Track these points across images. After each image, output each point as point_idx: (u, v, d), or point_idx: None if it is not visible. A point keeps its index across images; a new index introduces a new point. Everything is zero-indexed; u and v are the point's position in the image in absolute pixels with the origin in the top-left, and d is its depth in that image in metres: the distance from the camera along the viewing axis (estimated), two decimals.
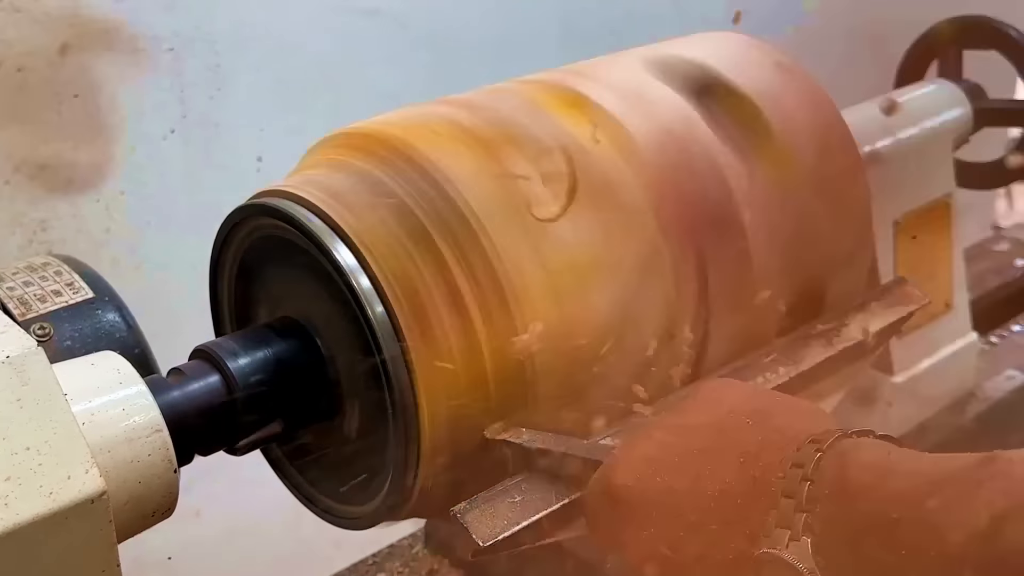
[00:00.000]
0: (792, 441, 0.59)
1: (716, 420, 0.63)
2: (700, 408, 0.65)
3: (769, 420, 0.61)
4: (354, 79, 1.61)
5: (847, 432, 0.58)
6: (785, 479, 0.57)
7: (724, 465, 0.60)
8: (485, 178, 0.76)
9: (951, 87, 1.26)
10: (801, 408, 0.63)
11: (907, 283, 0.95)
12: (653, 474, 0.62)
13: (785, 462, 0.57)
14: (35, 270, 0.79)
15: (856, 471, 0.54)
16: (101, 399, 0.64)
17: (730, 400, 0.64)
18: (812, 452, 0.57)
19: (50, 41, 1.33)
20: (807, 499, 0.55)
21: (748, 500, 0.58)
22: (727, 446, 0.61)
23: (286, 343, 0.76)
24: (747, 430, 0.61)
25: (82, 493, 0.56)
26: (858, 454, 0.55)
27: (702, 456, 0.61)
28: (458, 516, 0.69)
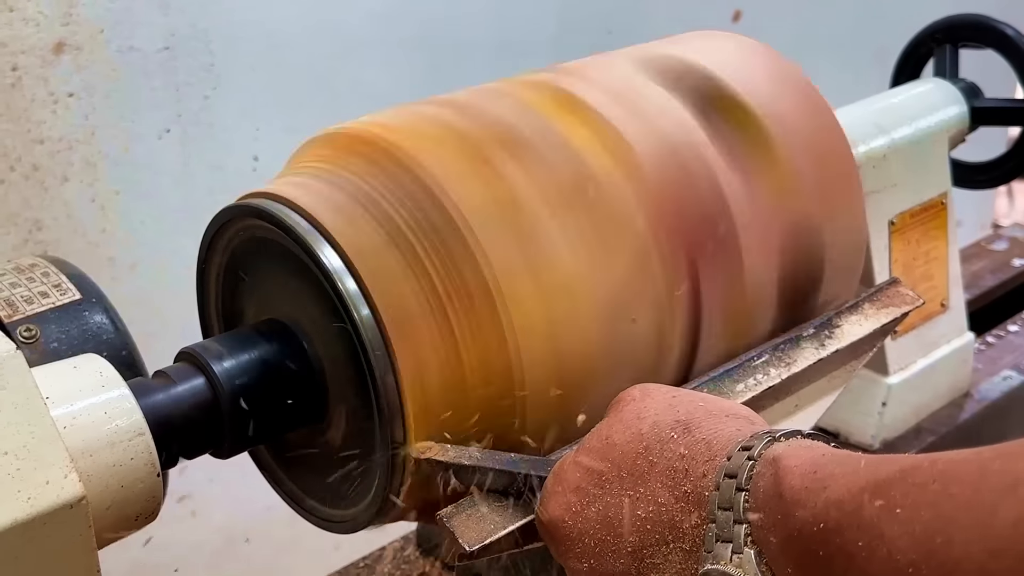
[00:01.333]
0: (721, 451, 0.57)
1: (639, 436, 0.61)
2: (622, 424, 0.63)
3: (693, 430, 0.60)
4: (349, 78, 1.61)
5: (775, 435, 0.56)
6: (720, 490, 0.55)
7: (654, 484, 0.58)
8: (475, 183, 0.75)
9: (947, 86, 1.26)
10: (725, 412, 0.61)
11: (900, 284, 0.95)
12: (585, 505, 0.61)
13: (717, 473, 0.56)
14: (22, 271, 0.79)
15: (792, 477, 0.52)
16: (83, 402, 0.64)
17: (651, 412, 0.62)
18: (743, 460, 0.55)
19: (44, 40, 1.33)
20: (744, 510, 0.54)
21: (684, 516, 0.57)
22: (653, 464, 0.59)
23: (272, 345, 0.76)
24: (672, 444, 0.59)
25: (61, 498, 0.56)
26: (792, 459, 0.53)
27: (631, 479, 0.60)
28: (444, 521, 0.68)
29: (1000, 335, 1.44)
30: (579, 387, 0.76)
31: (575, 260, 0.75)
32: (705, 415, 0.61)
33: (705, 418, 0.61)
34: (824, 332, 0.89)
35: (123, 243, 1.47)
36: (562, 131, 0.80)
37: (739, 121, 0.87)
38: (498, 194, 0.75)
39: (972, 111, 1.25)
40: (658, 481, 0.58)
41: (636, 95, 0.85)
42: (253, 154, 1.56)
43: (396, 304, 0.71)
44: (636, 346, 0.79)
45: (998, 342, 1.42)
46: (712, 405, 0.62)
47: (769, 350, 0.86)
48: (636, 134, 0.81)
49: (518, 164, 0.76)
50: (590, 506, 0.61)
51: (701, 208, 0.82)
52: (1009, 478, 0.44)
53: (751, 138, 0.86)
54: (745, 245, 0.84)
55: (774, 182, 0.86)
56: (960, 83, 1.27)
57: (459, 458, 0.71)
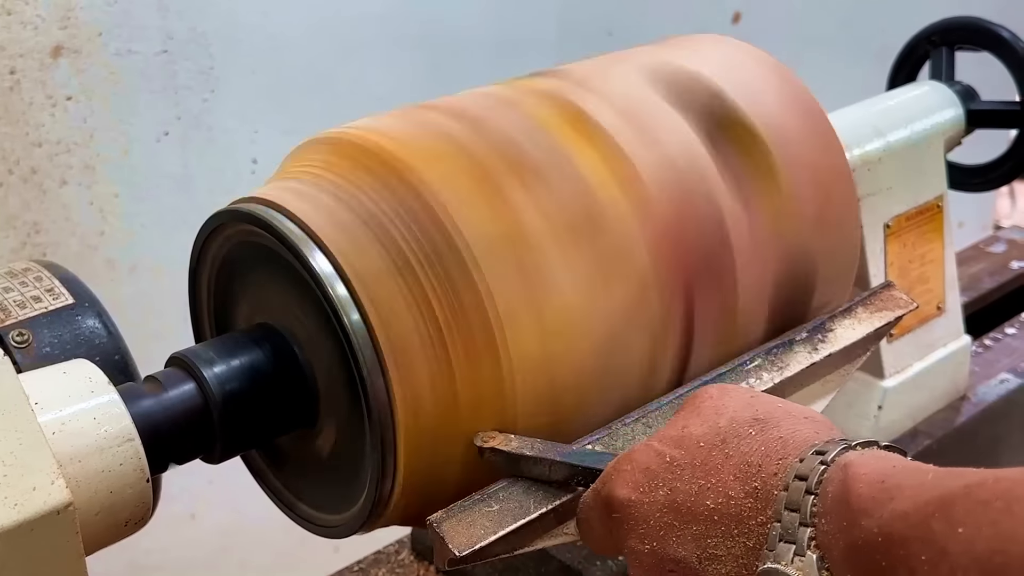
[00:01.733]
0: (795, 451, 0.57)
1: (716, 430, 0.61)
2: (699, 418, 0.63)
3: (770, 429, 0.60)
4: (348, 80, 1.61)
5: (851, 443, 0.57)
6: (788, 491, 0.55)
7: (726, 477, 0.59)
8: (484, 210, 0.74)
9: (943, 89, 1.26)
10: (803, 415, 0.62)
11: (894, 287, 0.95)
12: (654, 487, 0.61)
13: (788, 473, 0.56)
14: (15, 276, 0.79)
15: (860, 485, 0.52)
16: (72, 408, 0.64)
17: (730, 409, 0.63)
18: (816, 463, 0.55)
19: (43, 43, 1.33)
20: (811, 513, 0.54)
21: (751, 512, 0.57)
22: (728, 457, 0.59)
23: (263, 350, 0.76)
24: (748, 440, 0.60)
25: (47, 504, 0.56)
26: (862, 467, 0.54)
27: (703, 468, 0.60)
28: (434, 525, 0.68)
29: (997, 338, 1.44)
30: (569, 416, 0.76)
31: (576, 295, 0.75)
32: (784, 415, 0.61)
33: (783, 418, 0.61)
34: (817, 336, 0.89)
35: (122, 246, 1.48)
36: (572, 155, 0.78)
37: (746, 147, 0.86)
38: (506, 225, 0.74)
39: (968, 114, 1.25)
40: (730, 474, 0.59)
41: (646, 115, 0.84)
42: (252, 156, 1.56)
43: (386, 310, 0.71)
44: (628, 375, 0.79)
45: (995, 345, 1.42)
46: (791, 407, 0.63)
47: (762, 354, 0.86)
48: (645, 162, 0.80)
49: (527, 193, 0.75)
50: (659, 488, 0.61)
51: (703, 241, 0.82)
52: None
53: (756, 164, 0.86)
54: (741, 275, 0.84)
55: (775, 209, 0.86)
56: (956, 86, 1.26)
57: (521, 448, 0.72)
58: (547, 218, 0.75)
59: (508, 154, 0.77)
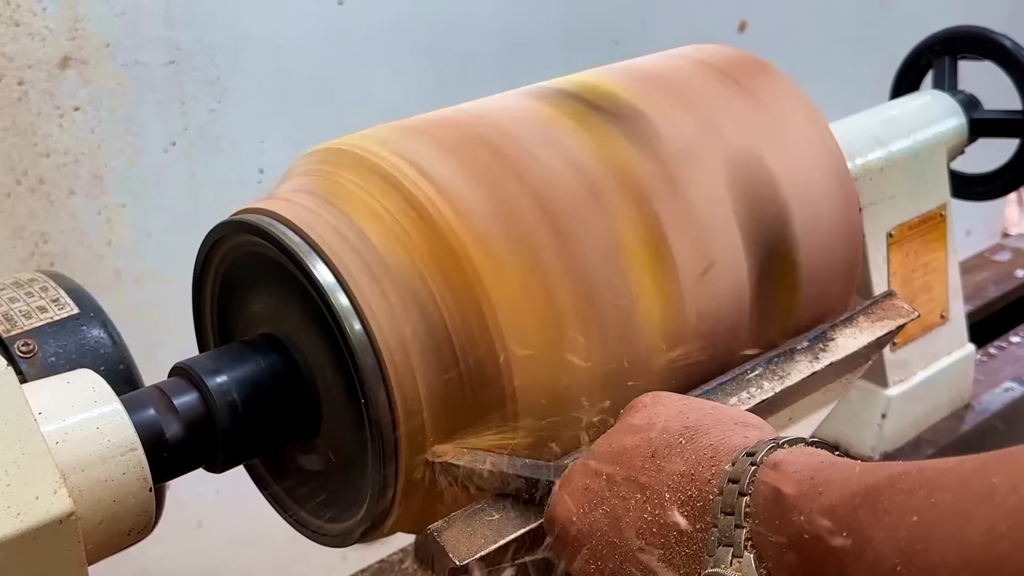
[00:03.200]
0: (726, 456, 0.58)
1: (648, 442, 0.62)
2: (632, 431, 0.64)
3: (701, 436, 0.61)
4: (355, 90, 1.62)
5: (779, 441, 0.57)
6: (723, 495, 0.56)
7: (661, 489, 0.60)
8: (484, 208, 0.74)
9: (946, 98, 1.26)
10: (734, 420, 0.63)
11: (896, 296, 0.95)
12: (592, 506, 0.62)
13: (721, 478, 0.57)
14: (21, 286, 0.79)
15: (789, 483, 0.53)
16: (75, 418, 0.64)
17: (661, 418, 0.64)
18: (746, 465, 0.56)
19: (51, 54, 1.34)
20: (744, 514, 0.55)
21: (688, 521, 0.58)
22: (661, 469, 0.60)
23: (266, 360, 0.76)
24: (679, 449, 0.60)
25: (50, 514, 0.56)
26: (791, 465, 0.55)
27: (637, 482, 0.61)
28: (435, 535, 0.69)
29: (1002, 346, 1.44)
30: (571, 418, 0.77)
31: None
32: (714, 422, 0.62)
33: (714, 425, 0.62)
34: (818, 345, 0.89)
35: (129, 255, 1.48)
36: (634, 294, 0.78)
37: (786, 283, 0.89)
38: (508, 223, 0.75)
39: (971, 123, 1.25)
40: (664, 485, 0.59)
41: (715, 246, 0.83)
42: (259, 166, 1.57)
43: (388, 320, 0.71)
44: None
45: (1000, 353, 1.42)
46: (721, 413, 0.63)
47: (763, 363, 0.86)
48: (694, 310, 0.81)
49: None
50: (598, 508, 0.62)
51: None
52: (986, 487, 0.45)
53: (785, 302, 0.89)
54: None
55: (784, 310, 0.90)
56: (959, 95, 1.27)
57: (474, 463, 0.72)
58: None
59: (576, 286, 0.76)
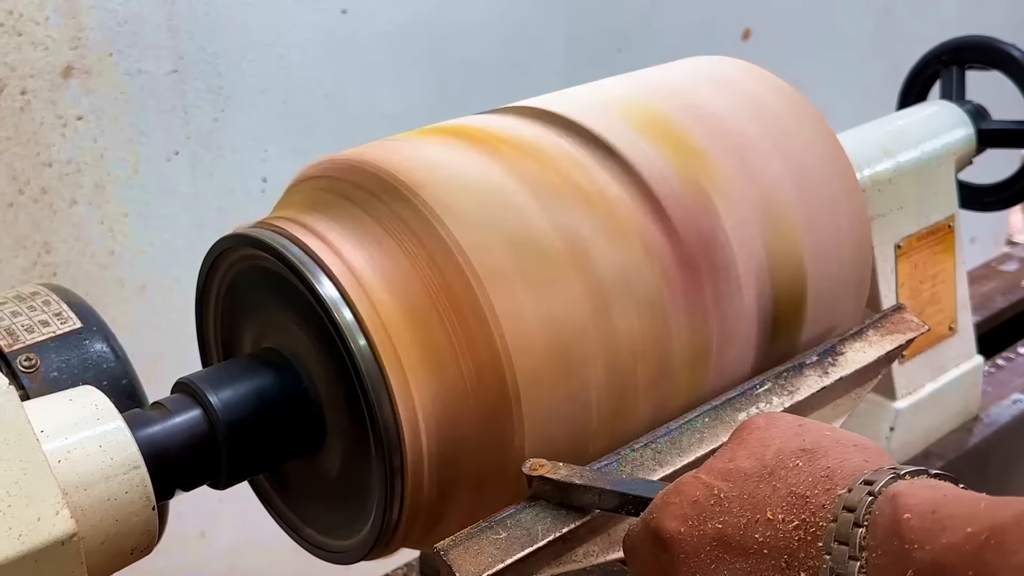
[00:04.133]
0: (843, 481, 0.57)
1: (763, 462, 0.61)
2: (746, 450, 0.63)
3: (818, 459, 0.59)
4: (358, 99, 1.61)
5: (900, 471, 0.56)
6: (837, 523, 0.55)
7: (774, 509, 0.58)
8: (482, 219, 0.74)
9: (953, 108, 1.25)
10: (852, 443, 0.61)
11: (905, 310, 0.94)
12: (703, 520, 0.61)
13: (836, 504, 0.56)
14: (23, 300, 0.79)
15: (911, 517, 0.52)
16: (77, 436, 0.64)
17: (777, 439, 0.62)
18: (864, 494, 0.55)
19: (54, 64, 1.34)
20: (860, 546, 0.53)
21: (800, 545, 0.56)
22: (776, 489, 0.59)
23: (269, 375, 0.76)
24: (795, 471, 0.59)
25: (52, 535, 0.56)
26: (912, 497, 0.53)
27: (751, 501, 0.59)
28: (441, 553, 0.68)
29: (1010, 358, 1.43)
30: (574, 429, 0.76)
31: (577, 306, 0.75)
32: (832, 443, 0.60)
33: (831, 447, 0.60)
34: (828, 360, 0.88)
35: (132, 265, 1.48)
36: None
37: (788, 337, 0.91)
38: (504, 228, 0.74)
39: (979, 133, 1.24)
40: (779, 507, 0.58)
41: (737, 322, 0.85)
42: (262, 175, 1.56)
43: (393, 335, 0.70)
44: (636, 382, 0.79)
45: (1008, 365, 1.41)
46: (839, 435, 0.62)
47: (772, 378, 0.85)
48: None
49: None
50: (707, 522, 0.60)
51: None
52: None
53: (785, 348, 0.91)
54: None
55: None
56: (967, 105, 1.26)
57: (570, 477, 0.71)
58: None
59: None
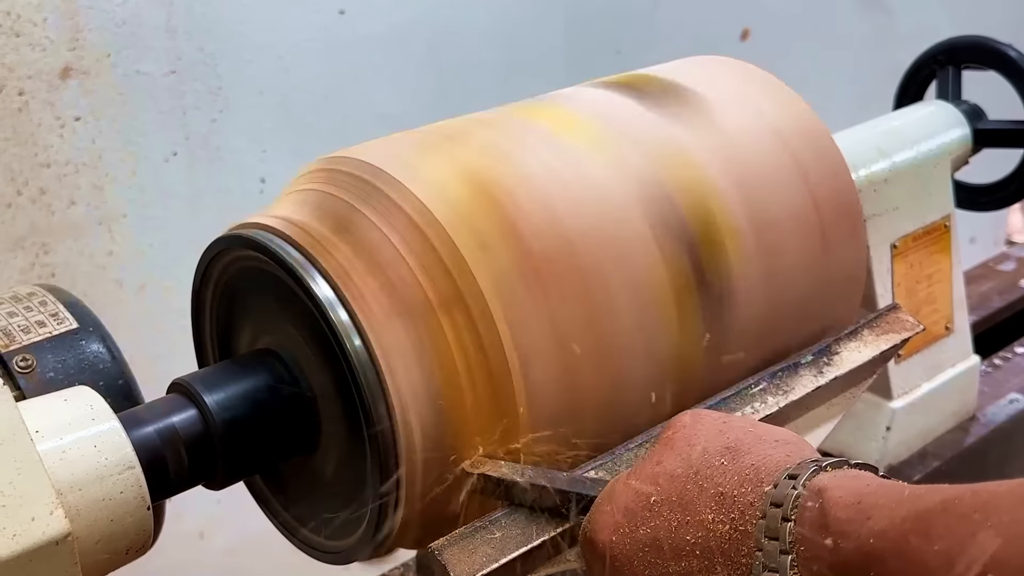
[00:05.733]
0: (768, 477, 0.58)
1: (689, 462, 0.61)
2: (673, 451, 0.63)
3: (742, 457, 0.60)
4: (356, 100, 1.61)
5: (822, 464, 0.57)
6: (766, 519, 0.56)
7: (703, 510, 0.59)
8: (476, 213, 0.74)
9: (949, 108, 1.25)
10: (775, 438, 0.62)
11: (900, 310, 0.94)
12: (634, 527, 0.61)
13: (764, 501, 0.56)
14: (20, 300, 0.79)
15: (836, 508, 0.53)
16: (72, 436, 0.64)
17: (702, 438, 0.63)
18: (789, 489, 0.56)
19: (52, 65, 1.34)
20: (790, 540, 0.54)
21: (731, 544, 0.57)
22: (703, 490, 0.60)
23: (265, 376, 0.76)
24: (721, 470, 0.60)
25: (46, 535, 0.56)
26: (837, 489, 0.54)
27: (680, 504, 0.60)
28: (436, 553, 0.68)
29: (1007, 357, 1.43)
30: (574, 417, 0.76)
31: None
32: (754, 440, 0.61)
33: (754, 443, 0.61)
34: (823, 359, 0.88)
35: (130, 266, 1.48)
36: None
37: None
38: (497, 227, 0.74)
39: (975, 133, 1.24)
40: (707, 507, 0.59)
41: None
42: (260, 176, 1.56)
43: (389, 335, 0.71)
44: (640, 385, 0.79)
45: (1005, 364, 1.41)
46: (762, 431, 0.63)
47: (767, 378, 0.85)
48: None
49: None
50: (639, 528, 0.61)
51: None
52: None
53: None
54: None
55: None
56: (963, 105, 1.26)
57: (512, 475, 0.71)
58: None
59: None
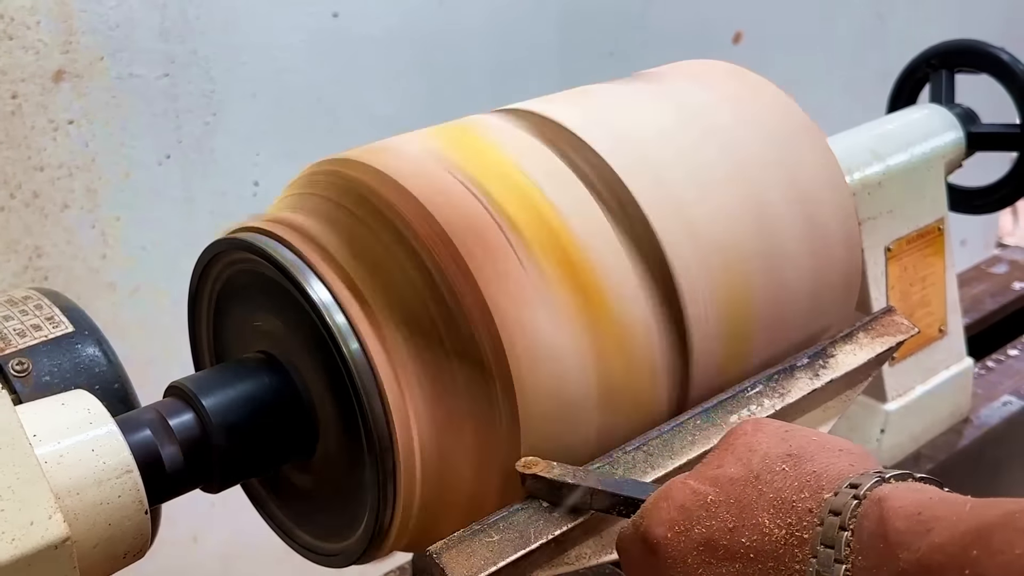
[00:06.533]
0: (829, 485, 0.57)
1: (749, 467, 0.61)
2: (733, 455, 0.63)
3: (804, 463, 0.60)
4: (350, 103, 1.61)
5: (885, 475, 0.56)
6: (823, 527, 0.55)
7: (760, 514, 0.59)
8: (466, 213, 0.74)
9: (943, 112, 1.26)
10: (838, 447, 0.61)
11: (895, 312, 0.95)
12: (690, 525, 0.61)
13: (822, 508, 0.56)
14: (15, 304, 0.79)
15: (896, 519, 0.52)
16: (70, 440, 0.64)
17: (763, 445, 0.63)
18: (849, 498, 0.55)
19: (45, 68, 1.34)
20: (846, 549, 0.54)
21: (786, 549, 0.57)
22: (762, 494, 0.59)
23: (262, 379, 0.76)
24: (781, 476, 0.60)
25: (45, 539, 0.56)
26: (897, 500, 0.54)
27: (738, 505, 0.60)
28: (434, 556, 0.68)
29: (1000, 359, 1.43)
30: (572, 420, 0.76)
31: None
32: (818, 448, 0.61)
33: (817, 451, 0.61)
34: (818, 362, 0.88)
35: (124, 269, 1.47)
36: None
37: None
38: (488, 229, 0.74)
39: (968, 136, 1.25)
40: (765, 511, 0.59)
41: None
42: (253, 179, 1.56)
43: (386, 337, 0.71)
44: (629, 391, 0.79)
45: (998, 367, 1.42)
46: (825, 439, 0.62)
47: (763, 380, 0.85)
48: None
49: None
50: (695, 527, 0.61)
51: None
52: None
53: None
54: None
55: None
56: (956, 108, 1.27)
57: (564, 476, 0.71)
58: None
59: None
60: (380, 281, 0.72)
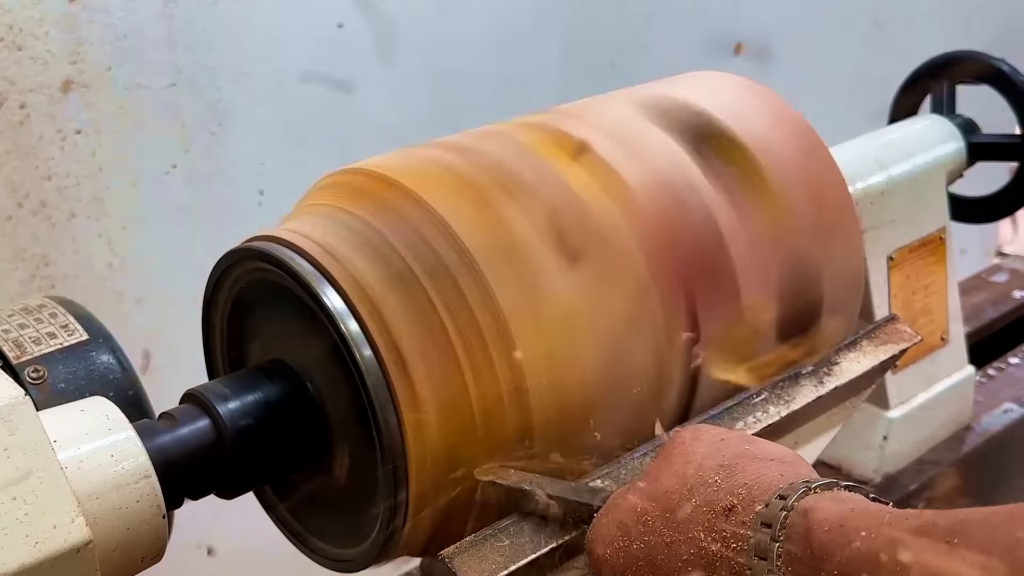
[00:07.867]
0: (760, 496, 0.59)
1: (684, 479, 0.63)
2: (670, 467, 0.65)
3: (736, 475, 0.61)
4: (355, 114, 1.62)
5: (811, 485, 0.58)
6: (755, 539, 0.57)
7: (695, 528, 0.60)
8: (478, 224, 0.76)
9: (944, 122, 1.27)
10: (769, 457, 0.63)
11: (898, 320, 0.96)
12: (628, 542, 0.63)
13: (755, 521, 0.58)
14: (30, 312, 0.80)
15: (820, 530, 0.54)
16: (90, 445, 0.65)
17: (698, 455, 0.64)
18: (778, 510, 0.57)
19: (53, 78, 1.34)
20: (778, 561, 0.56)
21: (722, 563, 0.58)
22: (697, 507, 0.61)
23: (276, 386, 0.77)
24: (714, 488, 0.61)
25: (67, 543, 0.57)
26: (822, 512, 0.55)
27: (674, 520, 0.61)
28: (446, 560, 0.69)
29: (1001, 368, 1.44)
30: (580, 419, 0.77)
31: (574, 297, 0.76)
32: (750, 459, 0.62)
33: (749, 462, 0.62)
34: (823, 369, 0.89)
35: (130, 278, 1.48)
36: (558, 170, 0.81)
37: (732, 157, 0.88)
38: (499, 235, 0.76)
39: (969, 147, 1.26)
40: (699, 525, 0.60)
41: (633, 135, 0.86)
42: (259, 188, 1.57)
43: (399, 344, 0.72)
44: (635, 380, 0.79)
45: (999, 375, 1.43)
46: (759, 448, 0.64)
47: (768, 388, 0.86)
48: (631, 172, 0.82)
49: (517, 206, 0.77)
50: (633, 543, 0.62)
51: (698, 245, 0.83)
52: (1011, 541, 0.47)
53: (745, 174, 0.88)
54: (743, 281, 0.85)
55: (770, 218, 0.88)
56: (957, 119, 1.28)
57: (520, 483, 0.72)
58: (537, 228, 0.77)
59: (498, 175, 0.79)
60: (395, 289, 0.73)
